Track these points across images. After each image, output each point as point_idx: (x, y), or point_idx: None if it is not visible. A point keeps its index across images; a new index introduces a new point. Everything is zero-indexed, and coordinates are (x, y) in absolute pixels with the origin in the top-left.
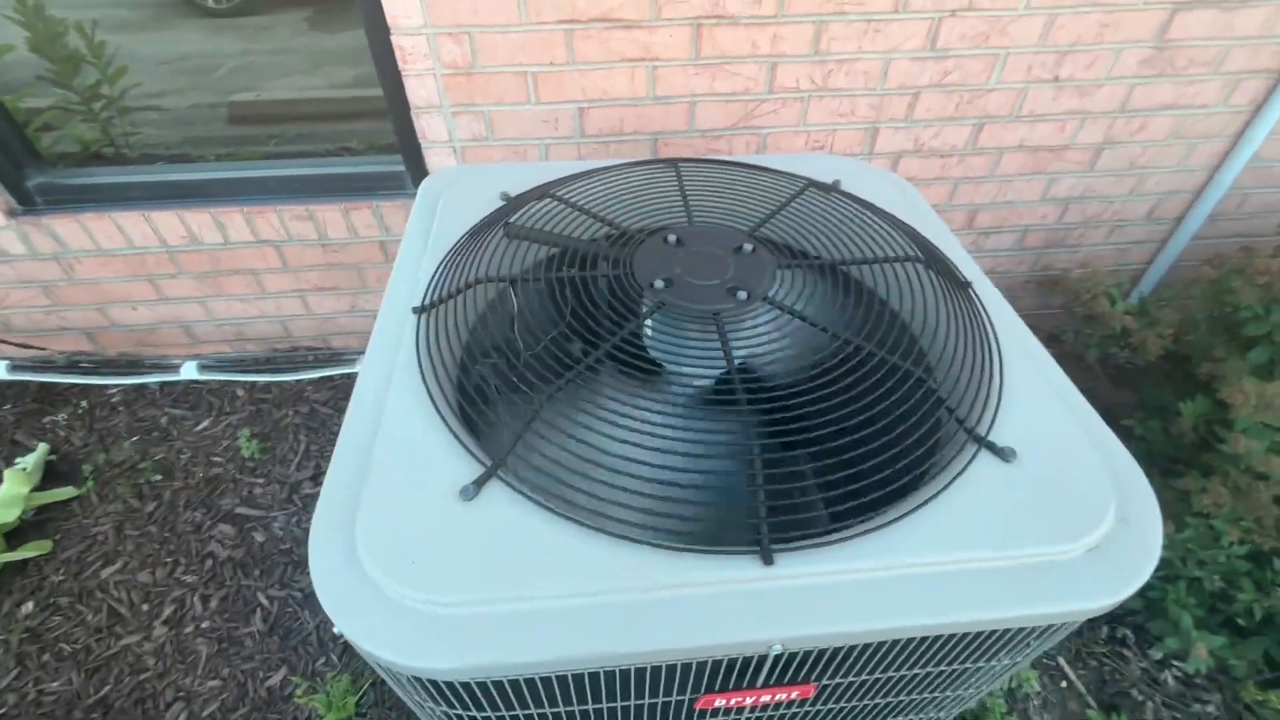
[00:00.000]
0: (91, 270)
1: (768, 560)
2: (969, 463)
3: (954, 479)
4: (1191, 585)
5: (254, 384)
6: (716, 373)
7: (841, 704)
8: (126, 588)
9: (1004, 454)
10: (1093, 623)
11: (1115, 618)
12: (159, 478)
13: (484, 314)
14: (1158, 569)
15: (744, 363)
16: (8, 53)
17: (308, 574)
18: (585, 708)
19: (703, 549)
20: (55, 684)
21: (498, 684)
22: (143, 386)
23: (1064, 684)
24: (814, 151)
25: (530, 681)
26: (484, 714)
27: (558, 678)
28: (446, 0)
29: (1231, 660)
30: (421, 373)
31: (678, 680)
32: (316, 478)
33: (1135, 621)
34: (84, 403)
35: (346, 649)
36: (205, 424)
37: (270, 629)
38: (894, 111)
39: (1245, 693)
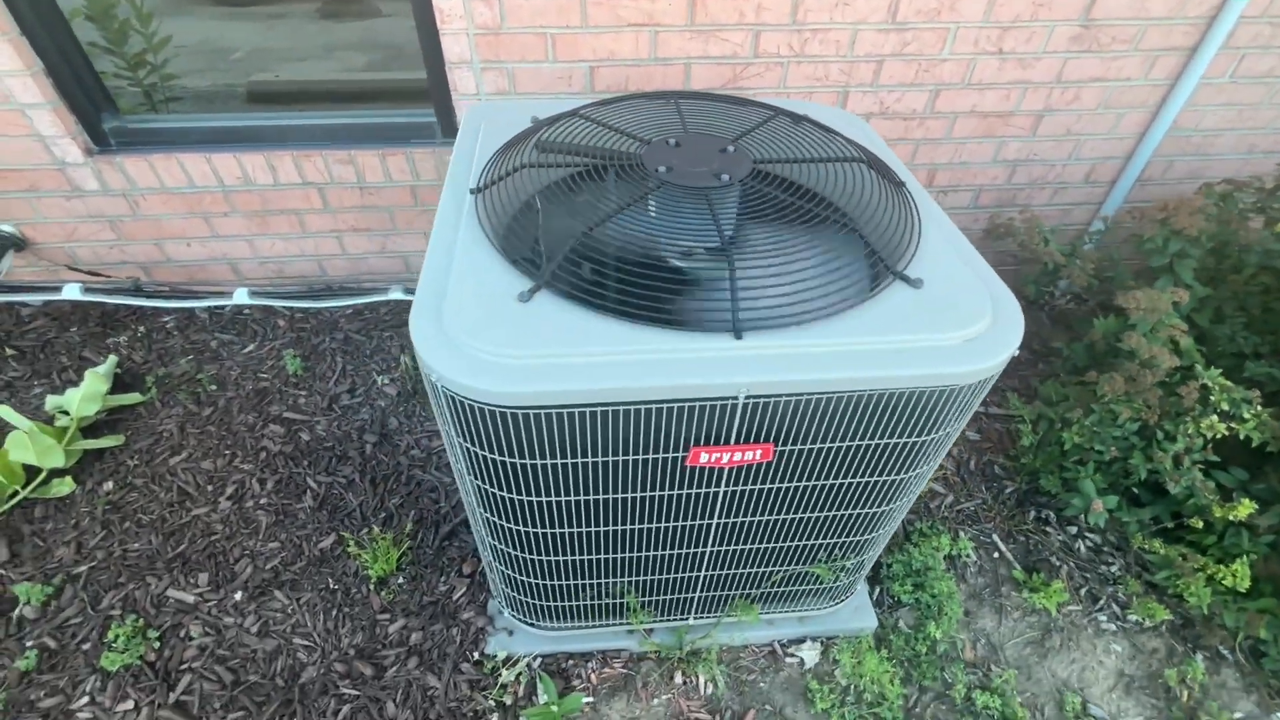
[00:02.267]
0: (154, 206)
1: (738, 335)
2: (887, 285)
3: (874, 294)
4: (1099, 467)
5: (294, 313)
6: (709, 230)
7: (798, 482)
8: (192, 472)
9: (914, 283)
10: (1023, 508)
11: (1040, 504)
12: (214, 388)
13: (531, 196)
14: (1073, 455)
15: (728, 224)
16: (76, 17)
17: (350, 464)
18: (604, 460)
19: (691, 328)
20: (137, 544)
21: (537, 418)
22: (192, 314)
23: (995, 555)
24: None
25: (560, 418)
26: (524, 460)
27: (581, 417)
28: None
29: (1127, 520)
30: (482, 226)
31: (673, 430)
32: (353, 390)
33: (1057, 504)
34: (141, 328)
35: (387, 522)
36: (251, 348)
37: (320, 505)
38: (862, 77)
39: (1135, 541)
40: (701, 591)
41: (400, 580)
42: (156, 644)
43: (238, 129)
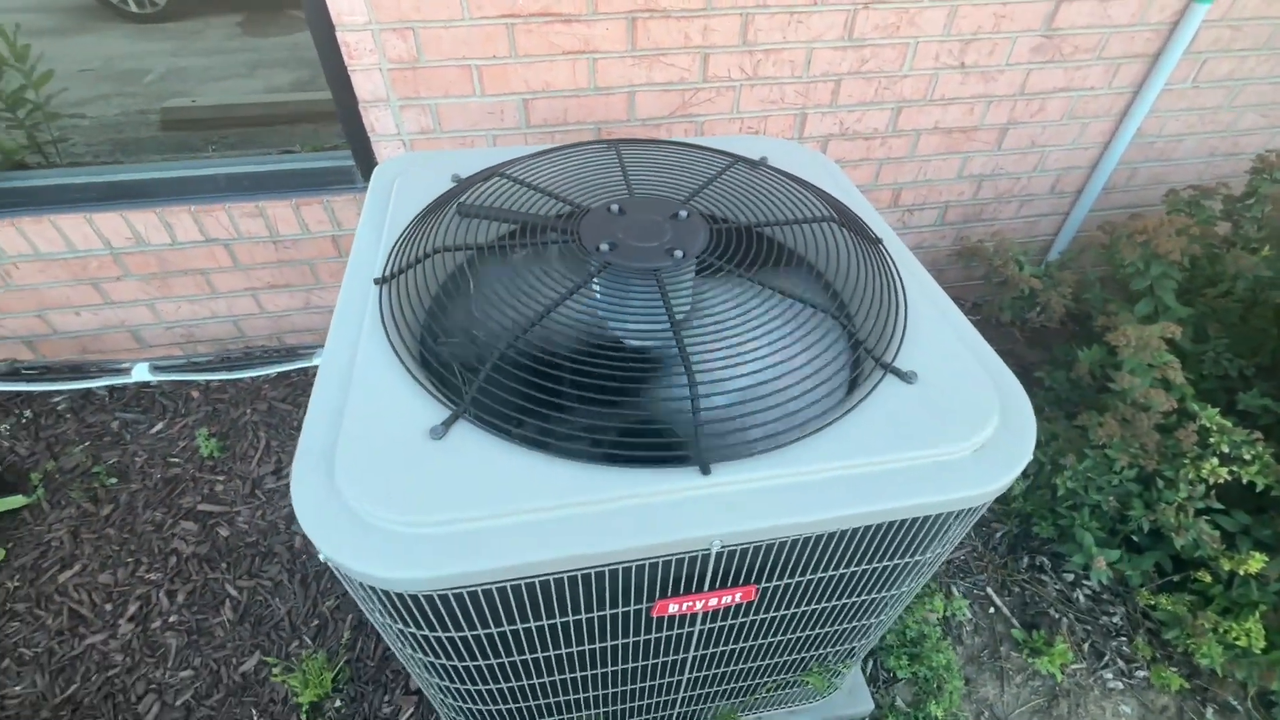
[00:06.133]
0: (30, 276)
1: (705, 470)
2: (876, 384)
3: (863, 398)
4: (1094, 511)
5: (209, 384)
6: (661, 326)
7: (784, 610)
8: (87, 589)
9: (906, 376)
10: (1015, 554)
11: (1033, 549)
12: (114, 481)
13: (444, 283)
14: (1066, 500)
15: (683, 311)
16: None
17: (276, 562)
18: (552, 622)
19: (648, 464)
20: (19, 688)
21: (471, 595)
22: (90, 393)
23: (991, 610)
24: (745, 134)
25: (502, 591)
26: (460, 633)
27: (526, 587)
28: None
29: (1128, 572)
30: (386, 333)
31: (633, 586)
32: (279, 472)
33: (1051, 550)
34: (28, 412)
35: (320, 630)
36: (159, 427)
37: (240, 618)
38: (819, 98)
39: (1140, 599)
40: (679, 709)
41: (338, 703)
42: None
43: (123, 184)
